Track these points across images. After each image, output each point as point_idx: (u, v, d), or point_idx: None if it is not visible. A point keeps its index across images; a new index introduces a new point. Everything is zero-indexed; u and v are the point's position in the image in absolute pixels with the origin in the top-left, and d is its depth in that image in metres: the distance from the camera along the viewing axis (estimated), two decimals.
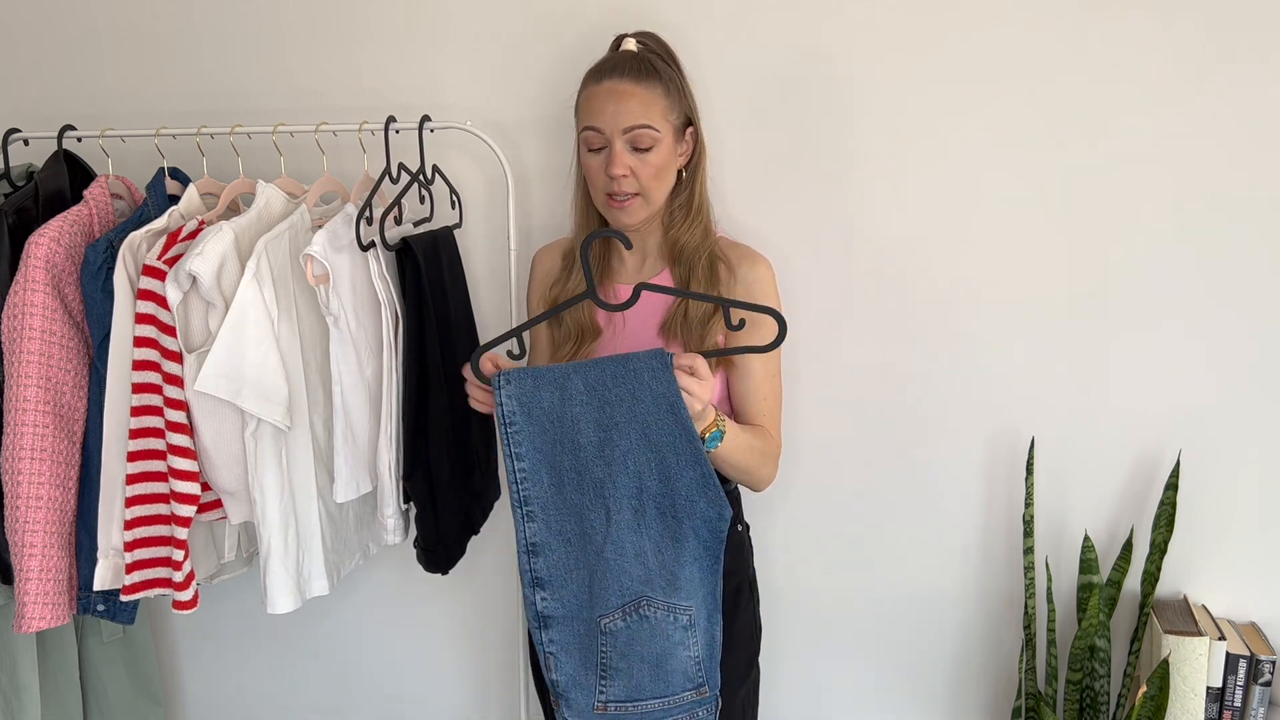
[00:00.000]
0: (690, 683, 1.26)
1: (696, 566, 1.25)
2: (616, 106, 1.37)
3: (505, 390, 1.23)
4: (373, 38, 1.82)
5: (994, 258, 1.69)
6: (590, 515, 1.24)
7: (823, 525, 1.84)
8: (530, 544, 1.26)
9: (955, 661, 1.84)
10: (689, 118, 1.46)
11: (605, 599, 1.24)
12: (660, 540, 1.24)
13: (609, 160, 1.38)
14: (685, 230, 1.46)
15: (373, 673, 2.10)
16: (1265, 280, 1.61)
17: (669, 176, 1.43)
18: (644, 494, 1.23)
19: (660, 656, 1.24)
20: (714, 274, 1.45)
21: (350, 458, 1.60)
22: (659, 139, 1.39)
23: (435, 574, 1.72)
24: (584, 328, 1.47)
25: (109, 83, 1.92)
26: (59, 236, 1.53)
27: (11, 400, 1.50)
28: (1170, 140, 1.60)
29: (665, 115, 1.40)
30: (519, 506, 1.25)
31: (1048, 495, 1.73)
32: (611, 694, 1.26)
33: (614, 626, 1.24)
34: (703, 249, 1.46)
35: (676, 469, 1.22)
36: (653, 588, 1.23)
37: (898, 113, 1.67)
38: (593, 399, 1.22)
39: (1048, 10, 1.60)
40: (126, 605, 1.65)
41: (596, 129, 1.39)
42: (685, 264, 1.45)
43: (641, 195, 1.40)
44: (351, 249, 1.56)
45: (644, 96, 1.38)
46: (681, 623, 1.24)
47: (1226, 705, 1.59)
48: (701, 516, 1.23)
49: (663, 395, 1.20)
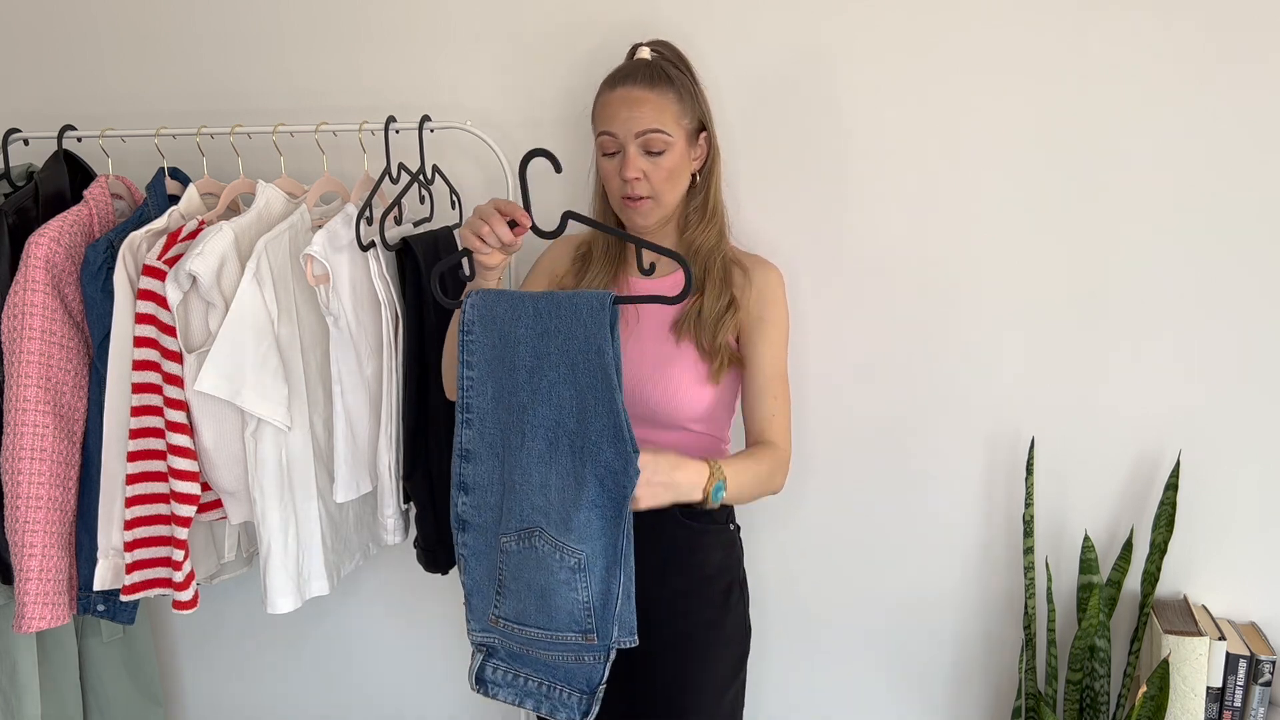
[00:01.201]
0: (577, 625, 1.27)
1: (596, 513, 1.25)
2: (630, 112, 1.40)
3: (470, 301, 1.27)
4: (373, 38, 1.82)
5: (994, 258, 1.69)
6: (511, 436, 1.27)
7: (822, 525, 1.84)
8: (464, 450, 1.30)
9: (955, 661, 1.85)
10: (702, 123, 1.48)
11: (509, 519, 1.27)
12: (565, 478, 1.26)
13: (623, 164, 1.42)
14: (700, 232, 1.49)
15: (372, 673, 2.10)
16: (1266, 280, 1.61)
17: (681, 180, 1.46)
18: (560, 429, 1.25)
19: (545, 590, 1.26)
20: (728, 276, 1.48)
21: (350, 458, 1.60)
22: (671, 143, 1.41)
23: (435, 574, 1.73)
24: None
25: (109, 83, 1.92)
26: (59, 236, 1.53)
27: (11, 400, 1.51)
28: (1171, 140, 1.60)
29: (677, 120, 1.42)
30: (461, 412, 1.29)
31: (1048, 495, 1.73)
32: (503, 610, 1.31)
33: (510, 547, 1.28)
34: (717, 251, 1.49)
35: (593, 413, 1.23)
36: (548, 521, 1.25)
37: (898, 114, 1.67)
38: (536, 326, 1.24)
39: (1048, 10, 1.60)
40: (126, 605, 1.65)
41: (611, 134, 1.42)
42: (700, 265, 1.48)
43: (654, 198, 1.43)
44: (351, 249, 1.56)
45: (656, 102, 1.41)
46: (569, 564, 1.25)
47: (1226, 705, 1.59)
48: (606, 465, 1.23)
49: (593, 337, 1.21)
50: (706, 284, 1.46)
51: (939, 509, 1.79)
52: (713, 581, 1.48)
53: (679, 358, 1.44)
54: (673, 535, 1.45)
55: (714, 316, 1.44)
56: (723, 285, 1.46)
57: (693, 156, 1.47)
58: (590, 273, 1.52)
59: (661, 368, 1.44)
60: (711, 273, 1.47)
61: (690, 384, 1.44)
